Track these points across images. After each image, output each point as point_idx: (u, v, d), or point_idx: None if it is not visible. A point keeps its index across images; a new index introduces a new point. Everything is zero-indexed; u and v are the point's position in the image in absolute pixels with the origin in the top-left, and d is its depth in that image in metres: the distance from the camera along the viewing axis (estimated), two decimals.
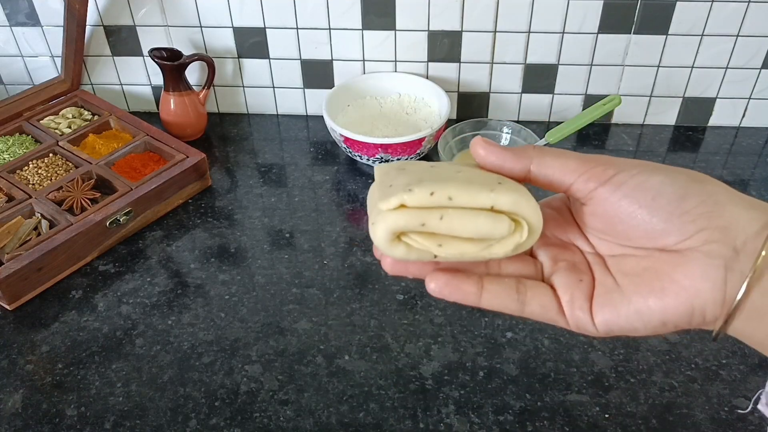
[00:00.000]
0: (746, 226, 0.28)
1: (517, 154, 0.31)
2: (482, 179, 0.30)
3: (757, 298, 0.28)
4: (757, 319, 0.28)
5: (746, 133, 0.92)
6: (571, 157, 0.30)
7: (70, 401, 0.59)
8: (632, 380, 0.60)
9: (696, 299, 0.28)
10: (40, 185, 0.77)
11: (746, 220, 0.28)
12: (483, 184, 0.29)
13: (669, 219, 0.28)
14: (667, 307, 0.29)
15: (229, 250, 0.75)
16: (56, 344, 0.64)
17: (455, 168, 0.31)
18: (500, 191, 0.29)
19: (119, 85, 0.96)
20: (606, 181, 0.29)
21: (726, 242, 0.27)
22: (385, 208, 0.29)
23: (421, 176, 0.30)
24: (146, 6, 0.88)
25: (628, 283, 0.31)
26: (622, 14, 0.83)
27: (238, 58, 0.92)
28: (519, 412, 0.57)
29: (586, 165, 0.29)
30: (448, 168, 0.31)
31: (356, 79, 0.91)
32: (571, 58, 0.88)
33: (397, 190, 0.29)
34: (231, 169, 0.88)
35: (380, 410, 0.58)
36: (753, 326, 0.29)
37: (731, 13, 0.82)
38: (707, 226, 0.28)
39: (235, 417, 0.57)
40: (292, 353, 0.63)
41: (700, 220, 0.28)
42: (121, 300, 0.69)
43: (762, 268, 0.27)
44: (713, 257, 0.28)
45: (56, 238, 0.70)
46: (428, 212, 0.29)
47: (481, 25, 0.86)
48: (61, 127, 0.86)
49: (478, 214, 0.29)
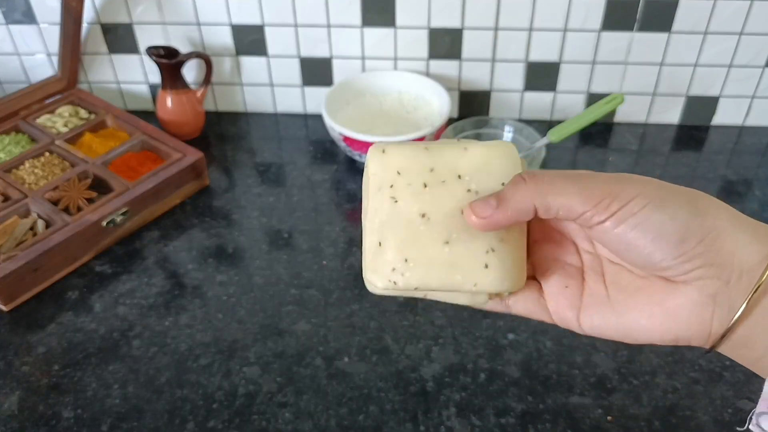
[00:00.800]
0: (746, 259, 0.28)
1: (515, 209, 0.30)
2: (470, 257, 0.31)
3: (744, 331, 0.29)
4: (745, 347, 0.29)
5: (750, 132, 0.92)
6: (573, 194, 0.29)
7: (66, 403, 0.58)
8: (635, 382, 0.59)
9: (681, 331, 0.30)
10: (37, 185, 0.77)
11: (746, 253, 0.28)
12: (468, 270, 0.31)
13: (667, 258, 0.29)
14: (654, 331, 0.30)
15: (227, 250, 0.74)
16: (52, 345, 0.64)
17: (445, 233, 0.31)
18: (483, 281, 0.31)
19: (116, 84, 0.96)
20: (609, 217, 0.29)
21: (720, 277, 0.28)
22: (372, 283, 0.33)
23: (406, 244, 0.31)
24: (143, 3, 0.87)
25: (621, 298, 0.32)
26: (625, 11, 0.83)
27: (236, 56, 0.91)
28: (521, 414, 0.57)
29: (590, 202, 0.29)
30: (437, 232, 0.32)
31: (356, 77, 0.90)
32: (573, 56, 0.87)
33: (384, 268, 0.32)
34: (229, 168, 0.87)
35: (380, 413, 0.57)
36: (741, 353, 0.30)
37: (735, 11, 0.81)
38: (703, 263, 0.28)
39: (233, 419, 0.57)
40: (290, 355, 0.62)
41: (698, 259, 0.28)
42: (117, 301, 0.68)
43: (758, 297, 0.28)
44: (704, 294, 0.29)
45: (52, 238, 0.69)
46: (413, 292, 0.33)
47: (483, 22, 0.85)
48: (57, 126, 0.85)
49: (458, 296, 0.33)
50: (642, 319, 0.30)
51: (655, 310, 0.30)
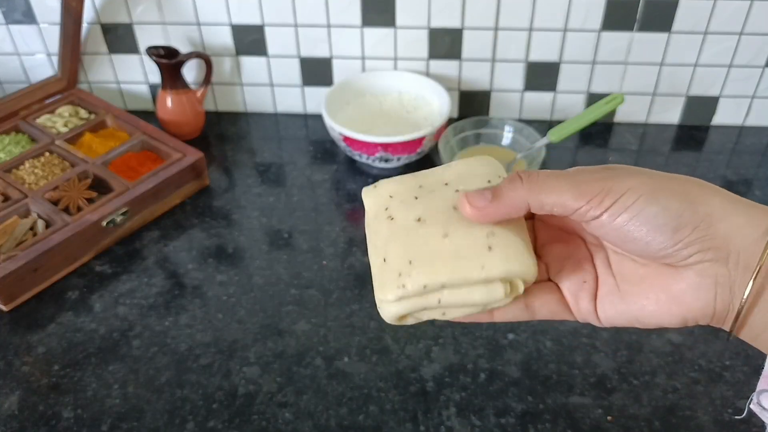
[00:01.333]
0: (742, 239, 0.29)
1: (509, 205, 0.31)
2: (472, 243, 0.31)
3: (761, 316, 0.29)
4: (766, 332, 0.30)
5: (750, 132, 0.92)
6: (565, 191, 0.30)
7: (66, 403, 0.58)
8: (635, 382, 0.59)
9: (688, 313, 0.31)
10: (37, 185, 0.77)
11: (742, 234, 0.29)
12: (472, 255, 0.31)
13: (665, 247, 0.29)
14: (662, 315, 0.31)
15: (226, 250, 0.74)
16: (52, 345, 0.64)
17: (442, 229, 0.32)
18: (490, 263, 0.31)
19: (116, 84, 0.96)
20: (603, 212, 0.30)
21: (718, 260, 0.29)
22: (384, 300, 0.32)
23: (408, 249, 0.31)
24: (143, 3, 0.87)
25: (627, 288, 0.33)
26: (625, 11, 0.83)
27: (236, 56, 0.91)
28: (521, 414, 0.57)
29: (583, 198, 0.30)
30: (435, 229, 0.32)
31: (356, 77, 0.90)
32: (573, 56, 0.87)
33: (391, 278, 0.31)
34: (229, 168, 0.87)
35: (380, 413, 0.57)
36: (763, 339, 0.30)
37: (735, 11, 0.81)
38: (700, 248, 0.29)
39: (233, 419, 0.57)
40: (290, 355, 0.62)
41: (693, 246, 0.29)
42: (117, 301, 0.68)
43: (764, 276, 0.29)
44: (705, 276, 0.29)
45: (52, 238, 0.69)
46: (425, 298, 0.31)
47: (483, 22, 0.85)
48: (57, 126, 0.85)
49: (472, 290, 0.31)
50: (649, 306, 0.31)
51: (661, 296, 0.31)
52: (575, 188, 0.30)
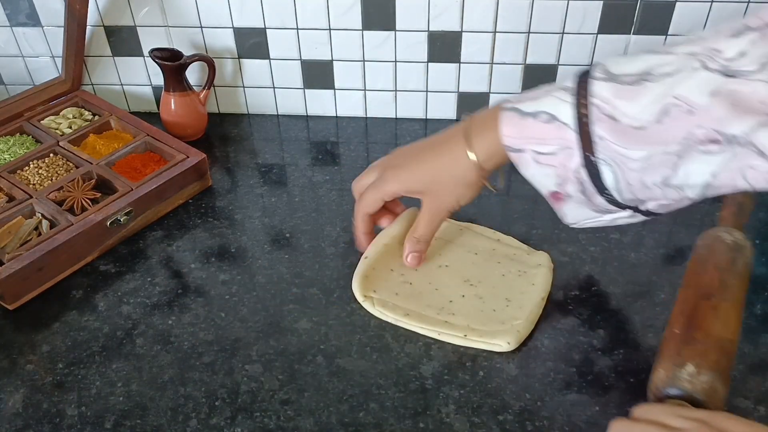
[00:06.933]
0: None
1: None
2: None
3: None
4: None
5: None
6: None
7: (70, 401, 0.59)
8: (632, 380, 0.60)
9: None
10: (41, 185, 0.78)
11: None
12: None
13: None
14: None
15: (229, 250, 0.75)
16: (57, 344, 0.65)
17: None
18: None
19: (120, 86, 0.97)
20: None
21: None
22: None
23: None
24: (147, 6, 0.88)
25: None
26: (622, 14, 0.84)
27: (238, 59, 0.92)
28: (519, 411, 0.57)
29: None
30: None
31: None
32: (570, 59, 0.88)
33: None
34: (231, 169, 0.88)
35: (380, 410, 0.58)
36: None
37: (731, 14, 0.82)
38: None
39: (236, 416, 0.57)
40: (292, 353, 0.63)
41: None
42: (121, 300, 0.69)
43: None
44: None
45: (57, 238, 0.70)
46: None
47: (481, 26, 0.86)
48: (61, 128, 0.86)
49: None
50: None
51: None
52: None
